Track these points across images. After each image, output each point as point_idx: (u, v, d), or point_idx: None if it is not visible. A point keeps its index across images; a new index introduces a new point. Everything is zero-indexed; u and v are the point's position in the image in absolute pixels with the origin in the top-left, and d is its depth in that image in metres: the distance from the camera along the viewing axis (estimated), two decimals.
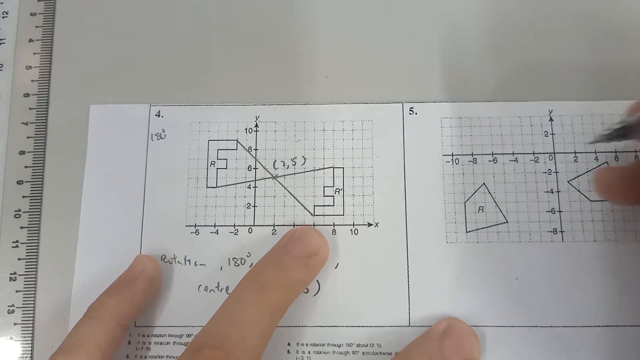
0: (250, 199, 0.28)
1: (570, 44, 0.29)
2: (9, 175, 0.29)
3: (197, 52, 0.30)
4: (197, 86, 0.30)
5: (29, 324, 0.27)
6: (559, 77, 0.29)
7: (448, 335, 0.24)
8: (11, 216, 0.29)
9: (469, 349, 0.24)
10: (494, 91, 0.29)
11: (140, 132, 0.29)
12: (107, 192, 0.28)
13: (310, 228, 0.27)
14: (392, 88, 0.29)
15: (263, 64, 0.30)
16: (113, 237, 0.28)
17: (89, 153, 0.29)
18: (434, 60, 0.30)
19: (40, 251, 0.28)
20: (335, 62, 0.30)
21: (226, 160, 0.29)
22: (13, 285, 0.28)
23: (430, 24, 0.30)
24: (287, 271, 0.25)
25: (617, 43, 0.29)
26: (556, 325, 0.26)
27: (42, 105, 0.30)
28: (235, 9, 0.31)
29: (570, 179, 0.28)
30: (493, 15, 0.30)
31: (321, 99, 0.29)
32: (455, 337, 0.24)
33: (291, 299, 0.25)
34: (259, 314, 0.23)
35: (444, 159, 0.28)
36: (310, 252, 0.26)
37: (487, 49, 0.30)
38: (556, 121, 0.28)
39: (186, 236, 0.28)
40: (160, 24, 0.31)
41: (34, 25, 0.31)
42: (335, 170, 0.28)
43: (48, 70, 0.30)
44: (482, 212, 0.27)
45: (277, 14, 0.31)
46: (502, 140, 0.28)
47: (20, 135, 0.30)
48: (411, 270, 0.27)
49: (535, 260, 0.27)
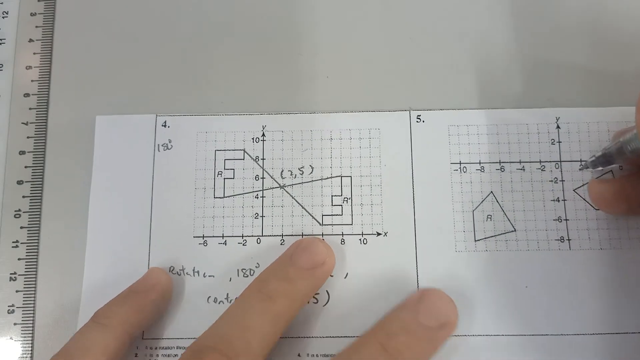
0: (258, 209, 0.28)
1: (577, 50, 0.29)
2: (9, 175, 0.29)
3: (200, 58, 0.30)
4: (201, 94, 0.29)
5: (29, 324, 0.27)
6: (566, 84, 0.29)
7: (422, 301, 0.24)
8: (11, 216, 0.29)
9: (444, 313, 0.24)
10: (501, 98, 0.29)
11: (146, 143, 0.29)
12: (114, 203, 0.28)
13: (316, 239, 0.27)
14: (399, 95, 0.29)
15: (268, 69, 0.30)
16: (121, 248, 0.28)
17: (95, 163, 0.29)
18: (440, 67, 0.29)
19: (40, 251, 0.28)
20: (341, 68, 0.30)
21: (233, 170, 0.28)
22: (13, 285, 0.28)
23: (436, 30, 0.30)
24: (293, 281, 0.25)
25: (625, 49, 0.29)
26: (566, 333, 0.26)
27: (42, 105, 0.30)
28: (238, 14, 0.30)
29: (576, 187, 0.28)
30: (500, 21, 0.30)
31: (327, 104, 0.29)
32: (429, 303, 0.24)
33: (296, 309, 0.25)
34: (264, 321, 0.23)
35: (451, 167, 0.28)
36: (316, 263, 0.25)
37: (495, 56, 0.30)
38: (563, 128, 0.28)
39: (194, 247, 0.28)
40: (161, 24, 0.30)
41: (34, 25, 0.31)
42: (343, 179, 0.28)
43: (48, 70, 0.30)
44: (491, 221, 0.28)
45: (281, 19, 0.30)
46: (509, 149, 0.28)
47: (20, 135, 0.29)
48: (420, 279, 0.27)
49: (543, 268, 0.27)
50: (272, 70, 0.30)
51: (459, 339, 0.26)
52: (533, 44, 0.30)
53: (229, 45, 0.30)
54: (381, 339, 0.23)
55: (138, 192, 0.28)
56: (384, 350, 0.22)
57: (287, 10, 0.30)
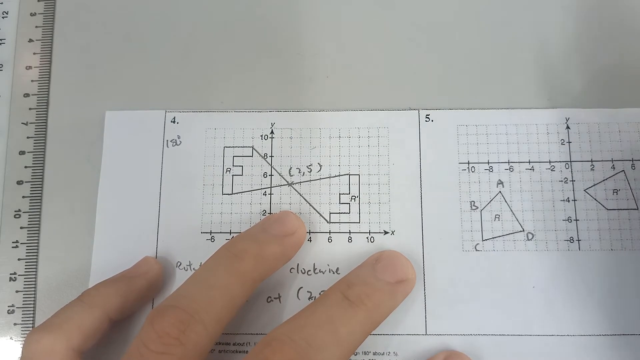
0: (265, 205, 0.28)
1: (587, 50, 0.29)
2: (9, 175, 0.29)
3: (201, 55, 0.30)
4: (207, 92, 0.30)
5: (29, 324, 0.27)
6: (576, 84, 0.29)
7: (380, 261, 0.25)
8: (11, 216, 0.29)
9: (401, 269, 0.25)
10: (510, 98, 0.29)
11: (155, 139, 0.29)
12: (122, 199, 0.28)
13: (288, 211, 0.27)
14: (408, 95, 0.29)
15: (278, 67, 0.30)
16: (129, 243, 0.28)
17: (104, 159, 0.29)
18: (449, 67, 0.29)
19: (40, 251, 0.28)
20: (353, 66, 0.30)
21: (242, 167, 0.29)
22: (13, 285, 0.28)
23: (445, 29, 0.30)
24: (262, 244, 0.25)
25: (637, 50, 0.29)
26: (573, 334, 0.26)
27: (42, 105, 0.30)
28: (245, 10, 0.31)
29: (587, 187, 0.28)
30: (509, 19, 0.30)
31: (336, 103, 0.29)
32: (386, 260, 0.25)
33: (265, 272, 0.25)
34: (229, 279, 0.23)
35: (460, 167, 0.28)
36: (287, 232, 0.26)
37: (504, 55, 0.30)
38: (573, 129, 0.28)
39: (202, 243, 0.28)
40: (161, 24, 0.31)
41: (34, 25, 0.31)
42: (351, 177, 0.28)
43: (48, 70, 0.30)
44: (499, 221, 0.27)
45: (293, 15, 0.30)
46: (518, 149, 0.28)
47: (20, 135, 0.30)
48: (427, 278, 0.27)
49: (552, 269, 0.27)
50: (282, 68, 0.30)
51: (464, 338, 0.26)
52: (543, 43, 0.30)
53: (235, 43, 0.30)
54: (342, 289, 0.24)
55: (146, 187, 0.28)
56: (345, 298, 0.23)
57: (300, 6, 0.31)
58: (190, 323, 0.22)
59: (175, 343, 0.21)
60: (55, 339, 0.23)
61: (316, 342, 0.21)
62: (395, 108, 0.29)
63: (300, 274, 0.27)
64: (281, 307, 0.27)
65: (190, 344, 0.21)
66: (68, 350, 0.23)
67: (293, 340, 0.21)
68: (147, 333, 0.22)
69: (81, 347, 0.23)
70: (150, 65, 0.30)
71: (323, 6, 0.31)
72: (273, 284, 0.27)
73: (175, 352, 0.21)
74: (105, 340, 0.25)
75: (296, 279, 0.27)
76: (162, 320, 0.22)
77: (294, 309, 0.25)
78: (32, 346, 0.23)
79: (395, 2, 0.30)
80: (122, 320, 0.26)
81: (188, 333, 0.21)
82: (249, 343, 0.26)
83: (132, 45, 0.30)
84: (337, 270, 0.27)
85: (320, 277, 0.27)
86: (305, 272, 0.27)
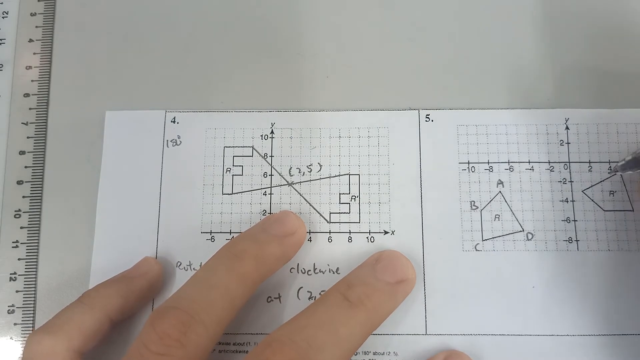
0: (266, 205, 0.28)
1: (587, 51, 0.29)
2: (9, 175, 0.29)
3: (201, 55, 0.30)
4: (207, 92, 0.30)
5: (29, 324, 0.27)
6: (575, 85, 0.29)
7: (380, 261, 0.25)
8: (11, 216, 0.29)
9: (401, 270, 0.25)
10: (510, 99, 0.29)
11: (155, 139, 0.29)
12: (122, 198, 0.28)
13: (288, 211, 0.27)
14: (408, 95, 0.29)
15: (278, 67, 0.30)
16: (129, 243, 0.28)
17: (104, 159, 0.29)
18: (450, 67, 0.30)
19: (40, 251, 0.28)
20: (354, 66, 0.30)
21: (242, 166, 0.28)
22: (13, 285, 0.28)
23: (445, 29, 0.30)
24: (262, 244, 0.25)
25: (636, 51, 0.29)
26: (572, 334, 0.26)
27: (42, 105, 0.30)
28: (245, 10, 0.31)
29: (585, 188, 0.28)
30: (509, 21, 0.30)
31: (336, 103, 0.29)
32: (386, 260, 0.25)
33: (265, 272, 0.25)
34: (230, 279, 0.23)
35: (460, 167, 0.28)
36: (287, 232, 0.26)
37: (504, 56, 0.30)
38: (572, 129, 0.28)
39: (202, 243, 0.28)
40: (161, 24, 0.31)
41: (34, 25, 0.31)
42: (351, 177, 0.28)
43: (48, 70, 0.30)
44: (498, 221, 0.27)
45: (289, 17, 0.30)
46: (518, 149, 0.28)
47: (20, 135, 0.29)
48: (427, 278, 0.27)
49: (551, 268, 0.27)
50: (282, 68, 0.30)
51: (464, 338, 0.26)
52: (543, 44, 0.30)
53: (235, 43, 0.30)
54: (342, 290, 0.24)
55: (146, 187, 0.28)
56: (345, 299, 0.23)
57: (300, 6, 0.31)
58: (190, 324, 0.22)
59: (176, 344, 0.21)
60: (56, 341, 0.23)
61: (316, 342, 0.22)
62: (395, 108, 0.29)
63: (300, 274, 0.27)
64: (281, 307, 0.27)
65: (191, 345, 0.21)
66: (69, 351, 0.23)
67: (293, 341, 0.21)
68: (148, 334, 0.22)
69: (82, 348, 0.23)
70: (150, 66, 0.30)
71: (323, 6, 0.31)
72: (273, 284, 0.27)
73: (176, 353, 0.21)
74: (105, 342, 0.25)
75: (296, 279, 0.27)
76: (162, 321, 0.22)
77: (294, 309, 0.26)
78: (33, 348, 0.23)
79: (395, 2, 0.30)
80: (123, 321, 0.26)
81: (189, 334, 0.21)
82: (249, 343, 0.27)
83: (132, 45, 0.30)
84: (337, 270, 0.27)
85: (320, 277, 0.27)
86: (305, 272, 0.27)
